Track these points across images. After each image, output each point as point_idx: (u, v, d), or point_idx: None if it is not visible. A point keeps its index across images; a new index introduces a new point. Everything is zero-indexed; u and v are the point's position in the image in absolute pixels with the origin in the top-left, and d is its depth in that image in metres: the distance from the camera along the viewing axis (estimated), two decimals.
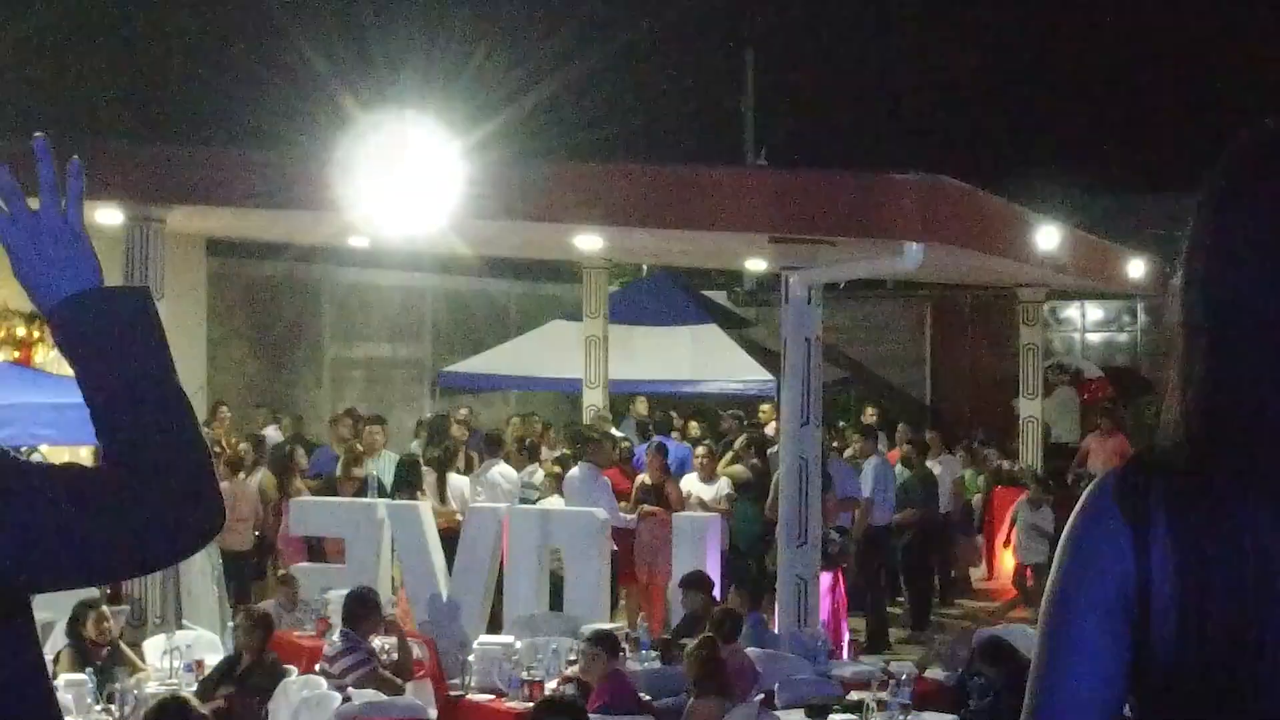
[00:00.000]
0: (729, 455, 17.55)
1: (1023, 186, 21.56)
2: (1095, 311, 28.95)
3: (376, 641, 11.10)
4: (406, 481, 15.57)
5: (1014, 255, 15.50)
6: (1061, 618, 2.05)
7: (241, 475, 15.90)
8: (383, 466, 16.80)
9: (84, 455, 16.83)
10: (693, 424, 20.85)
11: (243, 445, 17.05)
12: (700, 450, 17.11)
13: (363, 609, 11.00)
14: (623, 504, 15.73)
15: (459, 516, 15.29)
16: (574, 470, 15.89)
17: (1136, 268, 21.27)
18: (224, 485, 15.13)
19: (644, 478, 16.21)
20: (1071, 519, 2.08)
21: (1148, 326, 28.04)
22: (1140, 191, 29.98)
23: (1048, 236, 15.97)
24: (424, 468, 16.07)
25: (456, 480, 16.39)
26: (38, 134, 2.37)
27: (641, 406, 21.62)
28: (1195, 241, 2.08)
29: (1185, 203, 2.16)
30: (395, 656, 11.10)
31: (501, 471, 16.51)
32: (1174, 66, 38.20)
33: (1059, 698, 2.04)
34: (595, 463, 15.77)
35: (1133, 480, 2.03)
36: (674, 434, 20.19)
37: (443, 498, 15.91)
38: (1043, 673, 2.06)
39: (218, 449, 16.42)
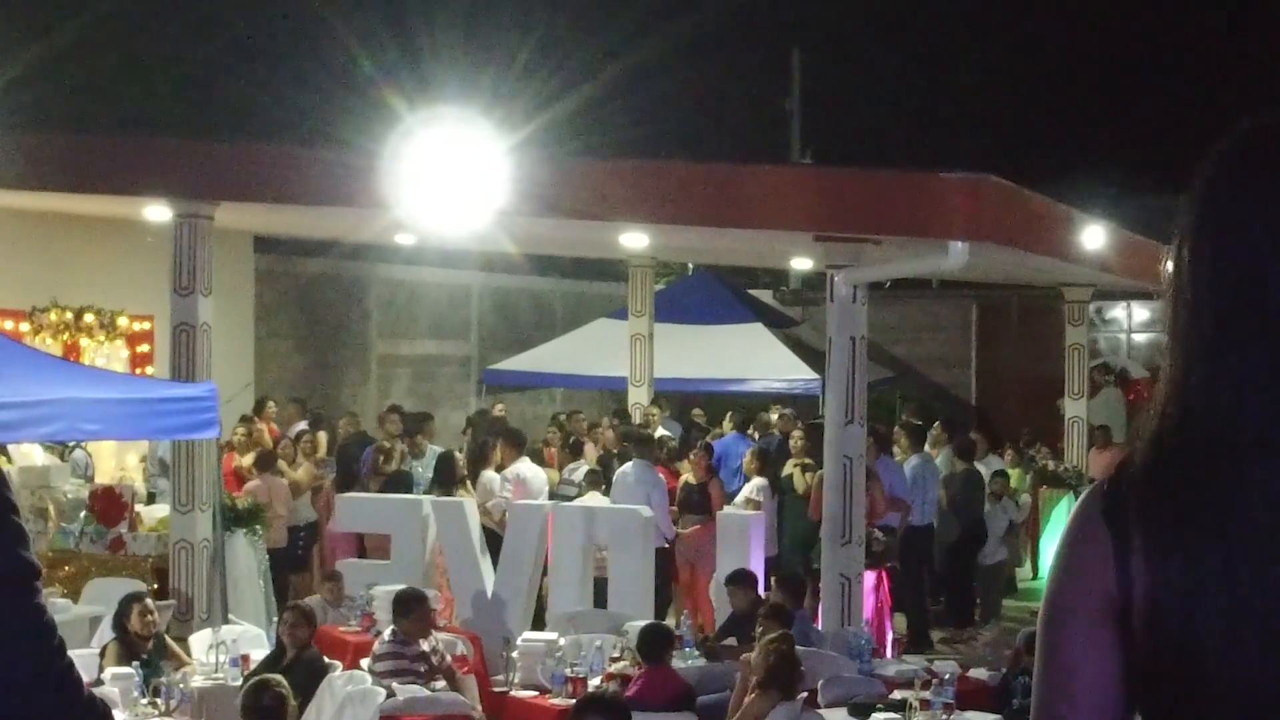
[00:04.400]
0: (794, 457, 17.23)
1: (1066, 185, 21.45)
2: (1141, 312, 28.80)
3: (425, 645, 11.04)
4: (440, 479, 15.60)
5: (1060, 255, 15.42)
6: (1056, 628, 2.08)
7: (270, 472, 15.87)
8: (428, 463, 16.82)
9: (129, 452, 16.97)
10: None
11: (284, 441, 17.13)
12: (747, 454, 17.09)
13: (412, 610, 10.99)
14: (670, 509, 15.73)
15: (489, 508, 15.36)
16: (626, 467, 15.84)
17: None
18: (255, 483, 15.14)
19: (688, 477, 16.21)
20: (1065, 528, 2.10)
21: None
22: (1183, 191, 29.78)
23: (1094, 236, 15.88)
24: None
25: (486, 476, 16.20)
26: None
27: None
28: (1197, 229, 2.09)
29: None
30: (445, 658, 11.05)
31: (526, 469, 16.30)
32: (1218, 66, 37.99)
33: (1058, 706, 2.06)
34: (648, 459, 15.78)
35: (1115, 492, 2.04)
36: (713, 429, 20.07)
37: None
38: (1042, 682, 2.09)
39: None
